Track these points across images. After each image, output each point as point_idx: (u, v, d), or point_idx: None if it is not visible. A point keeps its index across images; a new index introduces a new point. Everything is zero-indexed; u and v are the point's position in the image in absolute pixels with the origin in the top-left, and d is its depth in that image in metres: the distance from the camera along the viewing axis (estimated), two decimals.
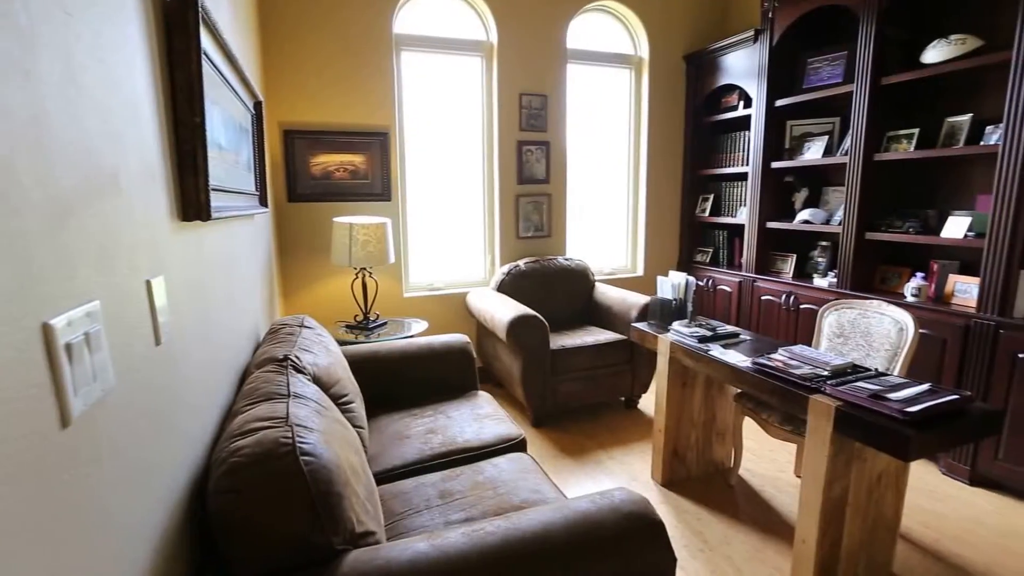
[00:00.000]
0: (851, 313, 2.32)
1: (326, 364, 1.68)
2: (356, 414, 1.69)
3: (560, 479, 2.50)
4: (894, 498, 1.84)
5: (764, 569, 1.91)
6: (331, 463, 1.07)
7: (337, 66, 3.11)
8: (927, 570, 1.90)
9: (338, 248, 2.85)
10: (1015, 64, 2.20)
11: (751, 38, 3.42)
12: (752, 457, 2.69)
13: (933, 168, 2.82)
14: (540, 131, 3.63)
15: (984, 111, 2.57)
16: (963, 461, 2.45)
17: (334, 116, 3.15)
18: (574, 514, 1.15)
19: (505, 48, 3.47)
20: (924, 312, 2.52)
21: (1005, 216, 2.27)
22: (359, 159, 3.21)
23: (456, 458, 1.82)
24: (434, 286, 3.60)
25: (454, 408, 2.14)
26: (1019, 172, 2.21)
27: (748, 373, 1.91)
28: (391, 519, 1.49)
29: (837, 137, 3.22)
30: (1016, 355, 2.23)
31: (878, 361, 2.16)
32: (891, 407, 1.52)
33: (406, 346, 2.34)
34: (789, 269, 3.43)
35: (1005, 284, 2.28)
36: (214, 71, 1.44)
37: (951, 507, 2.27)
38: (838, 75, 3.07)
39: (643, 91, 3.99)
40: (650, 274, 4.17)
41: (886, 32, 2.72)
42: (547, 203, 3.73)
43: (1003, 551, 1.99)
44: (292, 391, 1.32)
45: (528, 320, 2.82)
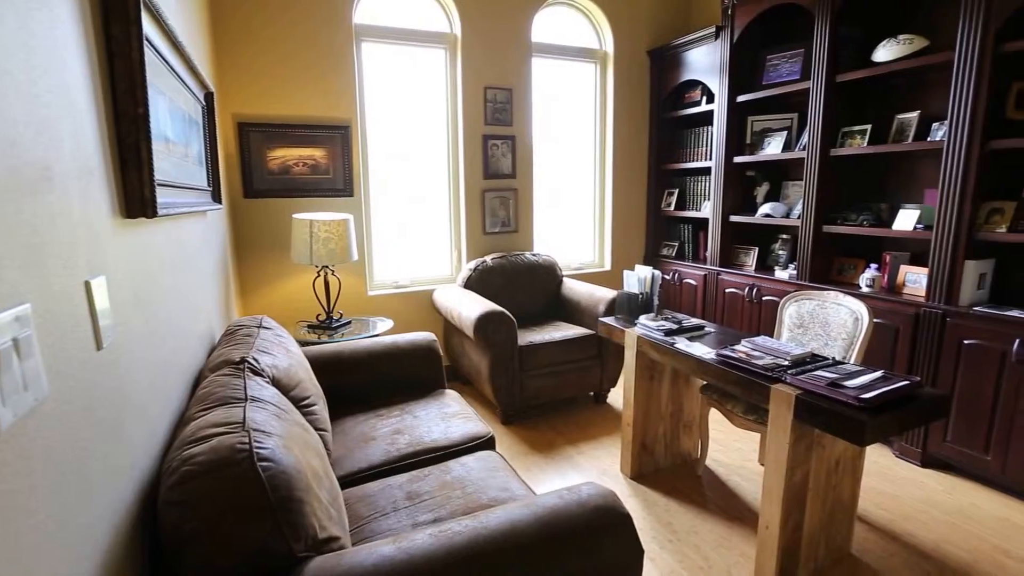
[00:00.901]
0: (810, 304, 2.39)
1: (286, 366, 1.63)
2: (319, 416, 1.64)
3: (530, 476, 2.49)
4: (851, 482, 1.90)
5: (731, 555, 1.95)
6: (291, 468, 1.03)
7: (295, 56, 3.01)
8: (883, 549, 1.97)
9: (298, 246, 2.77)
10: (957, 64, 2.30)
11: (713, 35, 3.48)
12: (718, 447, 2.74)
13: (885, 163, 2.92)
14: (506, 125, 3.61)
15: (931, 108, 2.67)
16: (915, 444, 2.55)
17: (292, 108, 3.05)
18: (542, 510, 1.14)
19: (469, 40, 3.43)
20: (878, 302, 2.61)
21: (950, 209, 2.36)
22: (319, 153, 3.13)
23: (424, 458, 1.79)
24: (399, 284, 3.55)
25: (421, 407, 2.11)
26: (962, 167, 2.31)
27: (713, 365, 1.94)
28: (357, 523, 1.45)
29: (795, 132, 3.30)
30: (962, 341, 2.33)
31: (836, 350, 2.23)
32: (847, 394, 1.56)
33: (371, 345, 2.29)
34: (752, 262, 3.51)
35: (951, 274, 2.38)
36: (159, 59, 1.37)
37: (904, 489, 2.36)
38: (796, 72, 3.14)
39: (608, 86, 4.01)
40: (617, 268, 4.21)
41: (840, 31, 2.80)
42: (514, 198, 3.71)
43: (952, 528, 2.09)
44: (249, 395, 1.27)
45: (495, 316, 2.80)
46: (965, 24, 2.26)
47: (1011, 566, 1.88)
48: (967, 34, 2.26)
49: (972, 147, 2.27)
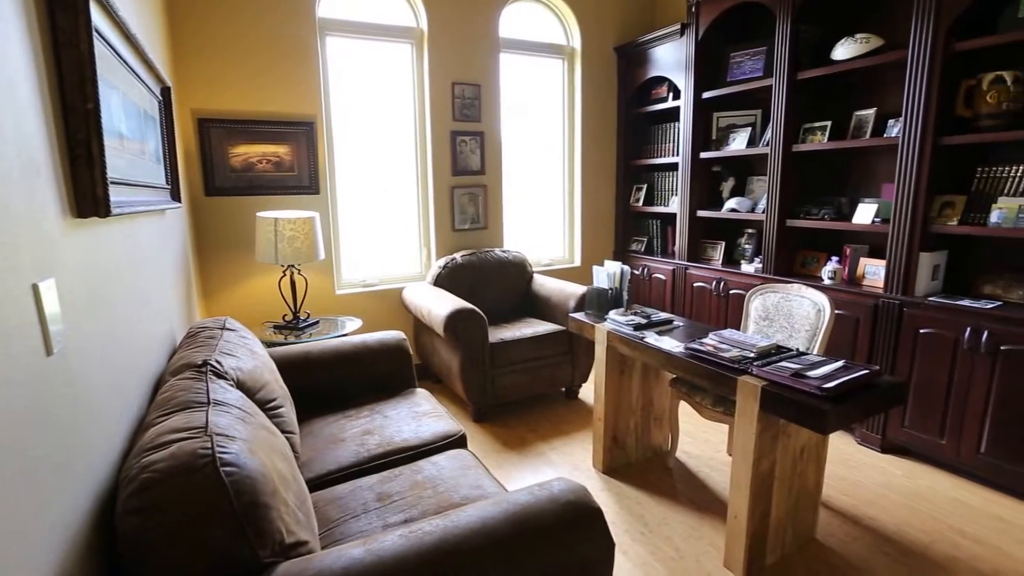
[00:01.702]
0: (775, 297, 2.44)
1: (251, 368, 1.59)
2: (286, 419, 1.61)
3: (502, 473, 2.49)
4: (815, 470, 1.96)
5: (701, 545, 1.98)
6: (256, 472, 1.00)
7: (257, 51, 2.93)
8: (846, 534, 2.04)
9: (263, 245, 2.70)
10: (910, 63, 2.38)
11: (678, 31, 3.52)
12: (688, 439, 2.79)
13: (845, 158, 3.01)
14: (474, 121, 3.59)
15: (887, 105, 2.76)
16: (875, 431, 2.64)
17: (254, 104, 2.97)
18: (513, 507, 1.14)
19: (436, 35, 3.40)
20: (839, 293, 2.69)
21: (906, 203, 2.45)
22: (283, 150, 3.06)
23: (394, 459, 1.77)
24: (368, 282, 3.50)
25: (391, 407, 2.09)
26: (916, 163, 2.39)
27: (681, 358, 1.97)
28: (327, 526, 1.43)
29: (759, 128, 3.38)
30: (918, 330, 2.42)
31: (800, 341, 2.29)
32: (810, 385, 1.60)
33: (339, 345, 2.26)
34: (719, 256, 3.57)
35: (907, 266, 2.47)
36: (111, 52, 1.31)
37: (865, 474, 2.44)
38: (759, 69, 3.21)
39: (576, 82, 4.02)
40: (587, 264, 4.23)
41: (800, 29, 2.87)
42: (483, 195, 3.70)
43: (910, 511, 2.17)
44: (212, 398, 1.23)
45: (466, 314, 2.78)
46: (917, 24, 2.34)
47: (965, 545, 1.97)
48: (919, 34, 2.34)
49: (925, 143, 2.36)
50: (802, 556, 1.93)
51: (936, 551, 1.94)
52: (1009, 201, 2.24)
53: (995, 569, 1.85)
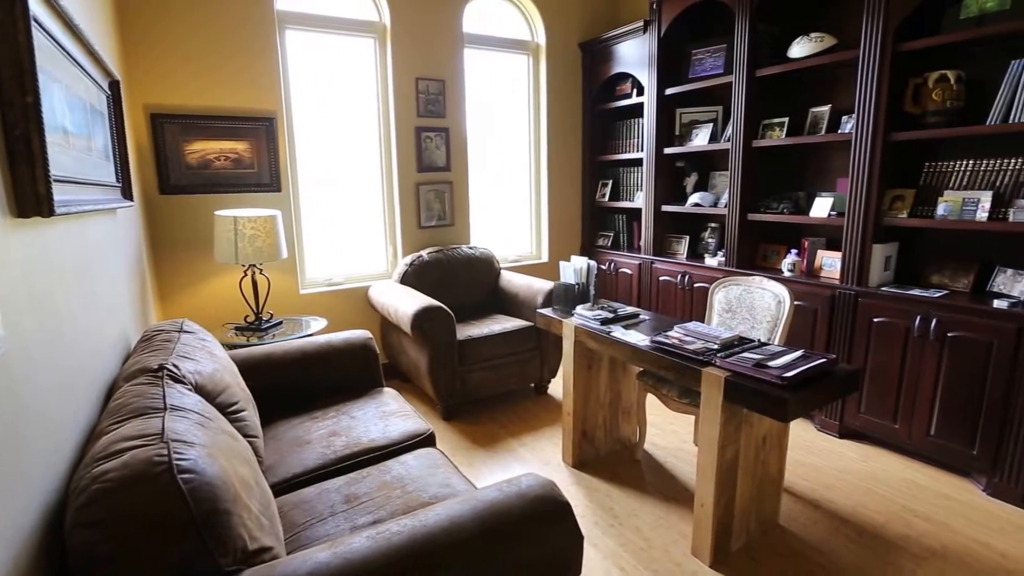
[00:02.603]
0: (737, 289, 2.50)
1: (210, 371, 1.54)
2: (248, 423, 1.56)
3: (472, 471, 2.49)
4: (777, 456, 2.02)
5: (669, 534, 2.02)
6: (216, 478, 0.97)
7: (212, 43, 2.84)
8: (807, 518, 2.11)
9: (222, 244, 2.62)
10: (861, 61, 2.46)
11: (641, 28, 3.56)
12: (656, 431, 2.84)
13: (802, 153, 3.10)
14: (439, 117, 3.56)
15: (841, 102, 2.86)
16: (833, 417, 2.74)
17: (211, 99, 2.87)
18: (482, 504, 1.14)
19: (399, 30, 3.35)
20: (798, 285, 2.78)
21: (859, 197, 2.54)
22: (242, 146, 2.97)
23: (362, 459, 1.74)
24: (333, 281, 3.43)
25: (358, 408, 2.05)
26: (868, 158, 2.48)
27: (647, 351, 1.99)
28: (293, 531, 1.40)
29: (721, 124, 3.45)
30: (872, 320, 2.52)
31: (761, 332, 2.35)
32: (771, 374, 1.65)
33: (304, 346, 2.21)
34: (683, 250, 3.64)
35: (861, 257, 2.56)
36: (52, 44, 1.25)
37: (825, 459, 2.53)
38: (719, 66, 3.27)
39: (541, 78, 4.03)
40: (555, 260, 4.25)
41: (758, 28, 2.94)
42: (449, 191, 3.67)
43: (866, 493, 2.26)
44: (169, 403, 1.18)
45: (433, 311, 2.76)
46: (867, 24, 2.42)
47: (917, 523, 2.06)
48: (869, 33, 2.42)
49: (876, 139, 2.45)
50: (766, 540, 1.98)
51: (890, 530, 2.03)
52: (954, 195, 2.34)
53: (943, 544, 1.94)
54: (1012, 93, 2.15)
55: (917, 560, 1.87)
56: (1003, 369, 2.12)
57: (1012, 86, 2.16)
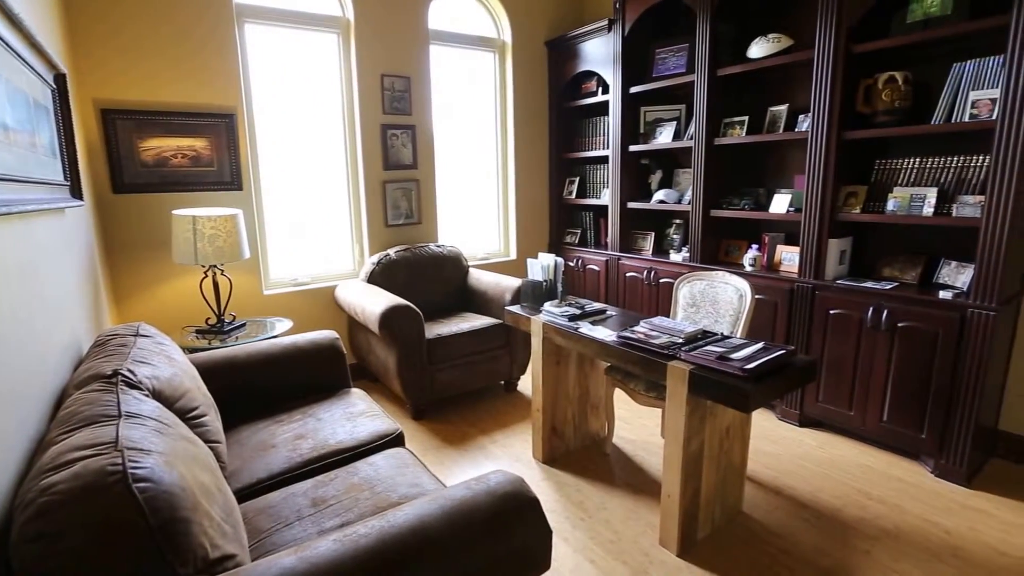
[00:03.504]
0: (701, 284, 2.56)
1: (168, 375, 1.49)
2: (210, 428, 1.52)
3: (443, 469, 2.48)
4: (740, 446, 2.08)
5: (638, 526, 2.06)
6: (174, 486, 0.94)
7: (166, 35, 2.73)
8: (769, 504, 2.18)
9: (180, 244, 2.54)
10: (816, 62, 2.55)
11: (606, 27, 3.60)
12: (624, 425, 2.88)
13: (762, 151, 3.19)
14: (405, 114, 3.52)
15: (797, 101, 2.94)
16: (793, 406, 2.83)
17: (166, 94, 2.77)
18: (450, 503, 1.13)
19: (363, 25, 3.30)
20: (759, 279, 2.86)
21: (815, 193, 2.63)
22: (201, 143, 2.87)
23: (329, 462, 1.72)
24: (299, 281, 3.36)
25: (325, 409, 2.02)
26: (823, 155, 2.57)
27: (614, 347, 2.02)
28: (258, 537, 1.37)
29: (684, 122, 3.51)
30: (828, 311, 2.61)
31: (724, 325, 2.41)
32: (733, 366, 1.69)
33: (268, 348, 2.16)
34: (649, 246, 3.70)
35: (818, 252, 2.65)
36: None
37: (785, 447, 2.62)
38: (682, 65, 3.33)
39: (508, 75, 4.03)
40: (523, 257, 4.27)
41: (719, 28, 3.00)
42: (416, 189, 3.64)
43: (824, 479, 2.35)
44: (123, 410, 1.14)
45: (401, 310, 2.74)
46: (821, 26, 2.50)
47: (871, 505, 2.15)
48: (823, 35, 2.50)
49: (831, 137, 2.54)
50: (730, 528, 2.04)
51: (846, 513, 2.11)
52: (903, 191, 2.45)
53: (895, 525, 2.04)
54: (954, 95, 2.26)
55: (871, 540, 1.96)
56: (948, 356, 2.23)
57: (954, 88, 2.26)
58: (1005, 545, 1.93)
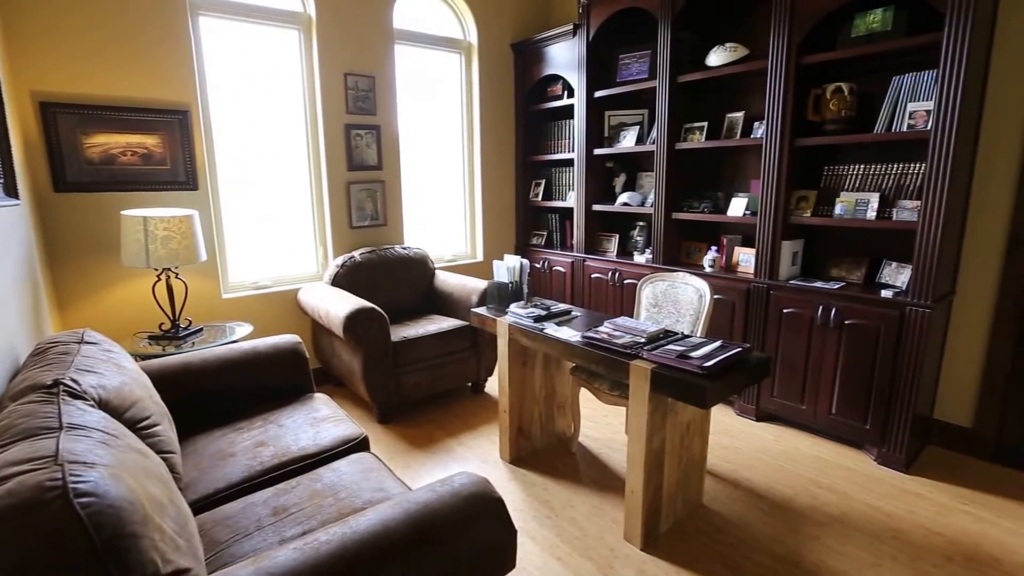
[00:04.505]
0: (663, 285, 2.62)
1: (117, 384, 1.43)
2: (162, 438, 1.47)
3: (410, 473, 2.46)
4: (701, 441, 2.14)
5: (603, 522, 2.09)
6: (121, 500, 0.91)
7: (113, 26, 2.62)
8: (728, 496, 2.25)
9: (131, 246, 2.44)
10: (770, 72, 2.64)
11: (571, 32, 3.63)
12: (590, 424, 2.92)
13: (720, 156, 3.28)
14: (369, 114, 3.48)
15: (753, 109, 3.04)
16: (750, 402, 2.92)
17: (114, 88, 2.66)
18: (414, 506, 1.13)
19: (325, 22, 3.24)
20: (718, 280, 2.94)
21: (770, 197, 2.72)
22: (152, 141, 2.77)
23: (291, 469, 1.68)
24: (260, 284, 3.28)
25: (287, 415, 1.98)
26: (777, 161, 2.66)
27: (579, 347, 2.05)
28: (215, 549, 1.33)
29: (647, 127, 3.58)
30: (782, 310, 2.71)
31: (685, 325, 2.47)
32: (693, 364, 1.74)
33: (226, 353, 2.10)
34: (614, 248, 3.76)
35: (772, 253, 2.75)
36: None
37: (743, 442, 2.70)
38: (644, 71, 3.40)
39: (474, 77, 4.02)
40: (490, 259, 4.27)
41: (680, 35, 3.07)
42: (381, 190, 3.60)
43: (779, 470, 2.43)
44: (65, 422, 1.09)
45: (366, 313, 2.70)
46: (774, 38, 2.60)
47: (821, 494, 2.25)
48: (776, 47, 2.60)
49: (784, 144, 2.63)
50: (692, 521, 2.09)
51: (799, 502, 2.20)
52: (849, 196, 2.56)
53: (842, 511, 2.13)
54: (894, 105, 2.39)
55: (821, 527, 2.04)
56: (889, 351, 2.35)
57: (894, 99, 2.39)
58: (939, 526, 2.05)
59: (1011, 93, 2.29)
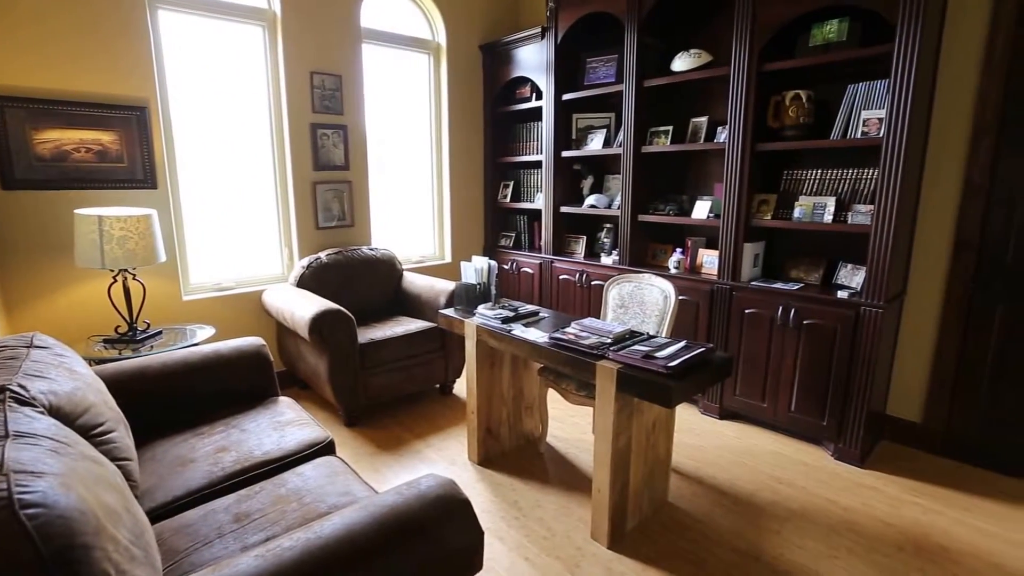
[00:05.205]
0: (629, 286, 2.66)
1: (69, 390, 1.38)
2: (118, 444, 1.42)
3: (377, 476, 2.44)
4: (666, 440, 2.18)
5: (570, 522, 2.11)
6: (72, 510, 0.88)
7: (65, 18, 2.52)
8: (693, 493, 2.30)
9: (84, 247, 2.35)
10: (732, 78, 2.71)
11: (539, 34, 3.66)
12: (558, 424, 2.94)
13: (685, 159, 3.35)
14: (336, 114, 3.43)
15: (716, 114, 3.12)
16: (714, 400, 3.00)
17: (66, 82, 2.55)
18: (380, 509, 1.12)
19: (290, 19, 3.18)
20: (683, 281, 3.00)
21: (732, 200, 2.80)
22: (108, 137, 2.67)
23: (254, 474, 1.65)
24: (222, 285, 3.20)
25: (250, 419, 1.94)
26: (739, 165, 2.74)
27: (546, 348, 2.07)
28: (174, 558, 1.29)
29: (614, 130, 3.63)
30: (744, 311, 2.78)
31: (650, 326, 2.52)
32: (658, 364, 1.77)
33: (186, 356, 2.04)
34: (581, 250, 3.80)
35: (735, 255, 2.82)
36: None
37: (707, 440, 2.77)
38: (611, 75, 3.45)
39: (443, 78, 4.01)
40: (458, 260, 4.26)
41: (646, 41, 3.13)
42: (348, 191, 3.55)
43: (741, 467, 2.50)
44: (12, 430, 1.05)
45: (332, 315, 2.67)
46: (736, 45, 2.67)
47: (781, 489, 2.32)
48: (738, 53, 2.67)
49: (745, 149, 2.71)
50: (657, 518, 2.13)
51: (760, 497, 2.26)
52: (807, 200, 2.65)
53: (801, 505, 2.21)
54: (849, 113, 2.48)
55: (781, 521, 2.11)
56: (845, 350, 2.45)
57: (849, 107, 2.48)
58: (892, 517, 2.14)
59: (957, 102, 2.41)
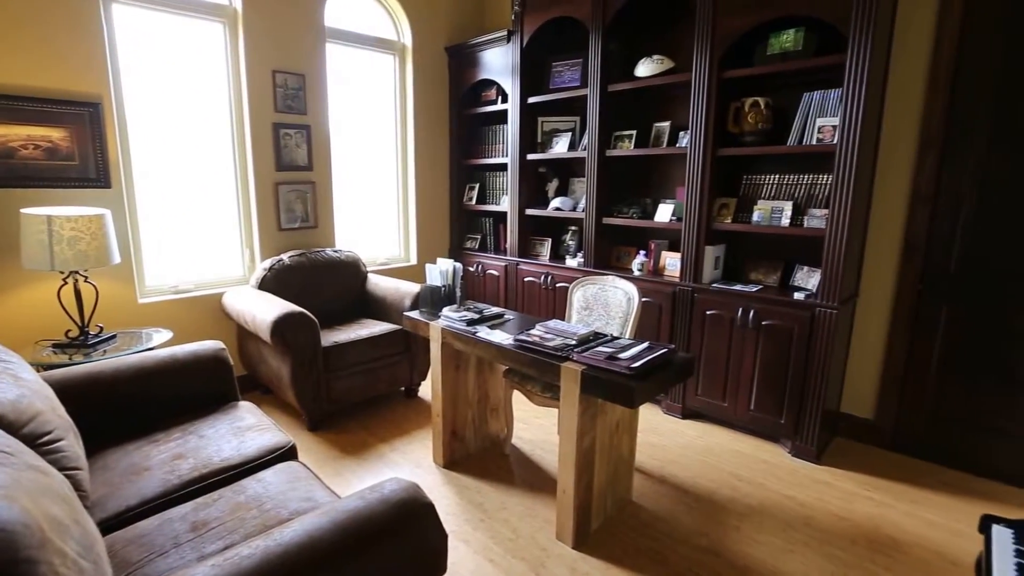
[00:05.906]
0: (593, 288, 2.70)
1: (13, 397, 1.32)
2: (67, 454, 1.37)
3: (341, 480, 2.41)
4: (629, 440, 2.22)
5: (536, 523, 2.13)
6: (14, 523, 0.85)
7: (9, 6, 2.41)
8: (655, 492, 2.35)
9: (32, 247, 2.25)
10: (693, 84, 2.79)
11: (505, 38, 3.68)
12: (523, 426, 2.96)
13: (648, 163, 3.42)
14: (299, 113, 3.37)
15: (678, 119, 3.20)
16: (676, 400, 3.07)
17: (11, 76, 2.43)
18: (342, 515, 1.12)
19: (252, 16, 3.12)
20: (646, 283, 3.06)
21: (694, 204, 2.87)
22: (59, 134, 2.56)
23: (212, 482, 1.61)
24: (180, 288, 3.10)
25: (209, 425, 1.89)
26: (700, 170, 2.81)
27: (511, 350, 2.08)
28: (127, 570, 1.25)
29: (578, 134, 3.68)
30: (705, 312, 2.86)
31: (615, 327, 2.56)
32: (621, 365, 1.81)
33: (141, 361, 1.98)
34: (546, 252, 3.83)
35: (696, 258, 2.90)
36: None
37: (670, 439, 2.83)
38: (576, 79, 3.49)
39: (408, 79, 3.99)
40: (423, 262, 4.24)
41: (610, 46, 3.18)
42: (312, 192, 3.50)
43: (702, 465, 2.57)
44: None
45: (294, 318, 2.62)
46: (697, 52, 2.75)
47: (740, 486, 2.39)
48: (699, 60, 2.75)
49: (706, 153, 2.79)
50: (621, 517, 2.17)
51: (720, 495, 2.33)
52: (765, 204, 2.74)
53: (759, 502, 2.28)
54: (804, 120, 2.58)
55: (741, 517, 2.18)
56: (801, 350, 2.54)
57: (805, 114, 2.58)
58: (845, 511, 2.23)
59: (905, 111, 2.54)
